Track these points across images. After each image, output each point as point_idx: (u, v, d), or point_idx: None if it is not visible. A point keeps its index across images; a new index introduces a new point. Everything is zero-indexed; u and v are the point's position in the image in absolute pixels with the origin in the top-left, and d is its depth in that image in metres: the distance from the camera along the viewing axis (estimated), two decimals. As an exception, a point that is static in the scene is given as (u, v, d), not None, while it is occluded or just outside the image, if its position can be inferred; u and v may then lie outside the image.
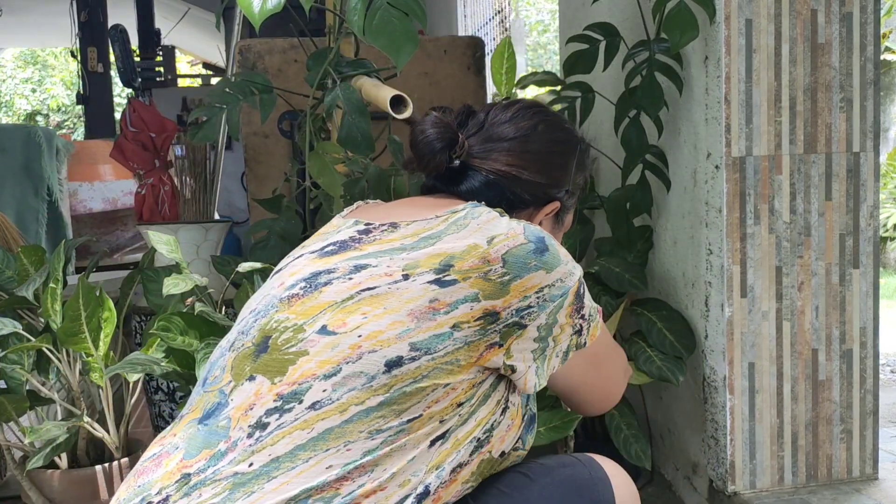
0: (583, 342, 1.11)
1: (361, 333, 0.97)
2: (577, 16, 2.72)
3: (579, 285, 1.09)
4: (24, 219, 3.89)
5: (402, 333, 0.98)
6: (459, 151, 1.18)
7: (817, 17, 1.92)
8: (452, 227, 1.06)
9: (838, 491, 1.97)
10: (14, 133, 4.10)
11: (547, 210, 1.23)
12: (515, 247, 1.04)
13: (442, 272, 1.00)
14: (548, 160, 1.21)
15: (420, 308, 0.99)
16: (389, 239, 1.07)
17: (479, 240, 1.03)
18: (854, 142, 1.97)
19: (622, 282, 2.08)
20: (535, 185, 1.20)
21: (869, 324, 2.01)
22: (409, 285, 1.00)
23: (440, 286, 1.00)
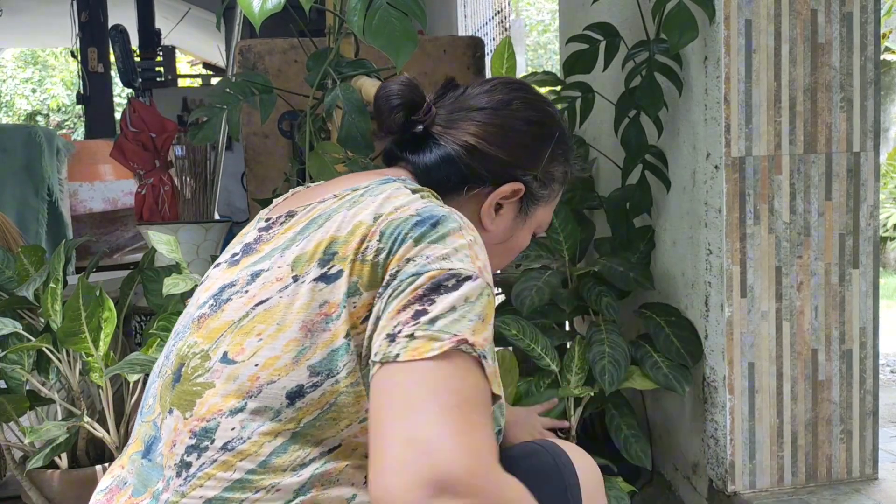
0: (392, 352, 0.79)
1: (258, 362, 0.86)
2: (577, 16, 2.72)
3: (449, 276, 0.83)
4: (24, 219, 3.89)
5: (298, 356, 0.85)
6: (423, 117, 1.07)
7: (817, 17, 1.92)
8: (346, 205, 0.93)
9: (838, 491, 1.97)
10: (14, 133, 4.11)
11: (505, 190, 1.07)
12: (399, 219, 0.88)
13: (327, 263, 0.87)
14: (514, 137, 1.07)
15: (312, 318, 0.86)
16: (283, 231, 0.95)
17: (366, 217, 0.89)
18: (854, 142, 1.97)
19: (627, 280, 2.08)
20: (495, 161, 1.06)
21: (869, 324, 2.01)
22: (299, 289, 0.87)
23: (326, 282, 0.87)
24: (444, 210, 0.90)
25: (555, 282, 2.05)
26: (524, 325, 1.99)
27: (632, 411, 2.09)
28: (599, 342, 1.99)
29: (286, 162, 2.72)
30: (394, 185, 0.96)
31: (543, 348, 1.96)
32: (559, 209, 2.18)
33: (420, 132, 1.07)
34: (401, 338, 0.80)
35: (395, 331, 0.80)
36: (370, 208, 0.90)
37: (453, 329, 0.79)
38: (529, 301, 1.99)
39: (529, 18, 14.27)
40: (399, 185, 0.96)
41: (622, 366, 1.94)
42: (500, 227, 1.09)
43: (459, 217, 0.91)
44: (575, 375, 1.97)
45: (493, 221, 1.08)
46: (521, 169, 1.08)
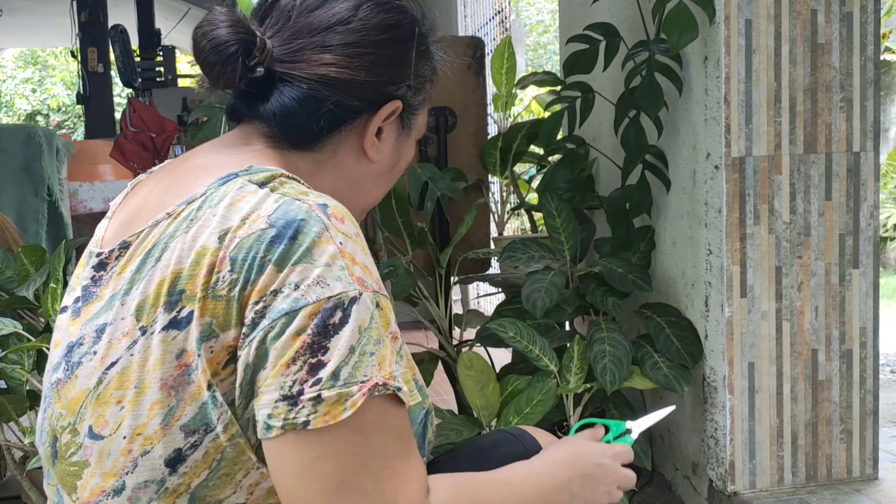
0: (299, 420, 0.71)
1: (125, 434, 0.76)
2: (577, 16, 2.72)
3: (332, 307, 0.72)
4: (24, 219, 3.89)
5: (166, 418, 0.74)
6: (259, 56, 0.86)
7: (817, 17, 1.92)
8: (183, 226, 0.77)
9: (838, 491, 1.97)
10: (14, 133, 4.10)
11: (384, 113, 0.92)
12: (248, 236, 0.74)
13: (175, 306, 0.74)
14: (375, 51, 0.90)
15: (171, 372, 0.74)
16: (119, 270, 0.81)
17: (210, 239, 0.75)
18: (854, 142, 1.97)
19: (626, 282, 2.08)
20: (365, 86, 0.89)
21: (869, 324, 2.01)
22: (149, 343, 0.75)
23: (178, 328, 0.74)
24: (301, 207, 0.76)
25: (559, 282, 2.06)
26: (521, 326, 1.99)
27: (632, 411, 2.08)
28: (600, 341, 1.99)
29: (286, 162, 2.72)
30: (235, 183, 0.79)
31: (541, 349, 1.96)
32: (560, 209, 2.19)
33: (261, 75, 0.86)
34: (304, 401, 0.71)
35: (294, 392, 0.71)
36: (211, 225, 0.75)
37: (359, 376, 0.72)
38: (542, 303, 1.99)
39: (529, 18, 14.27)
40: (241, 181, 0.80)
41: (624, 364, 1.94)
42: (386, 153, 0.96)
43: (323, 211, 0.77)
44: (574, 375, 1.97)
45: (378, 150, 0.94)
46: (393, 84, 0.93)
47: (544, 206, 2.21)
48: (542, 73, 2.48)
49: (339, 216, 0.78)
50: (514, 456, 1.02)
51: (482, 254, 2.48)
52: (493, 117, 2.87)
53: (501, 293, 2.68)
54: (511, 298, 2.29)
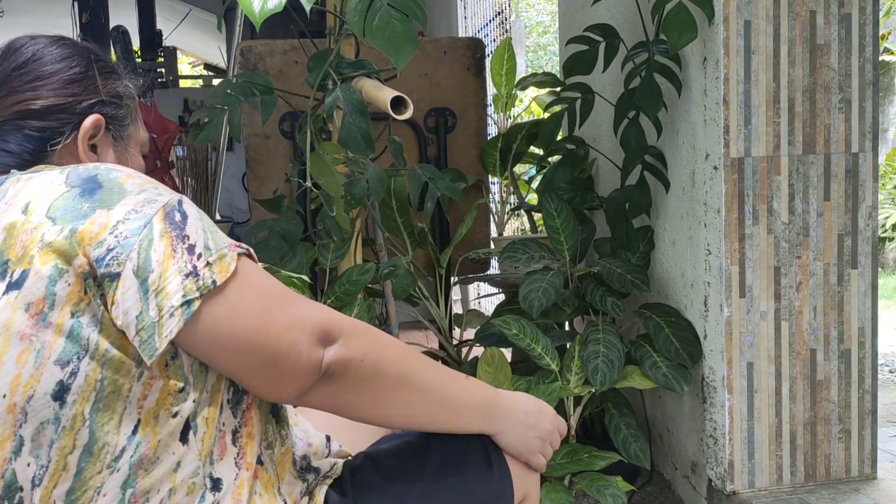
0: (208, 282, 0.86)
1: (4, 392, 0.83)
2: (576, 17, 2.73)
3: (170, 210, 0.88)
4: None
5: (38, 360, 0.83)
6: None
7: (816, 18, 1.93)
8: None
9: (837, 490, 1.97)
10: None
11: (86, 128, 1.03)
12: (56, 198, 0.87)
13: (4, 275, 0.85)
14: (59, 76, 1.03)
15: (25, 325, 0.83)
16: None
17: (13, 216, 0.87)
18: (853, 142, 1.97)
19: (625, 283, 2.09)
20: (58, 108, 1.02)
21: (867, 324, 2.01)
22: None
23: (17, 288, 0.84)
24: (89, 167, 0.92)
25: (558, 282, 2.06)
26: (524, 324, 1.99)
27: (631, 411, 2.09)
28: (595, 342, 1.99)
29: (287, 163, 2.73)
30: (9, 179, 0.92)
31: (543, 348, 1.97)
32: (560, 209, 2.19)
33: None
34: (201, 270, 0.86)
35: (190, 268, 0.86)
36: (12, 206, 0.88)
37: (221, 243, 0.90)
38: (538, 303, 2.00)
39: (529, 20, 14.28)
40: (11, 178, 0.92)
41: (616, 366, 1.95)
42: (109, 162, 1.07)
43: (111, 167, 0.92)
44: (574, 375, 1.98)
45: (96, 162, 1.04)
46: (85, 102, 1.05)
47: (544, 206, 2.21)
48: (542, 74, 2.49)
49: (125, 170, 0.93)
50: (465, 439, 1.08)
51: (482, 254, 2.48)
52: (493, 118, 2.88)
53: (501, 293, 2.69)
54: (511, 298, 2.30)
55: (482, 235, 2.91)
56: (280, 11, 1.63)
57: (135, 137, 1.12)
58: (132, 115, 1.12)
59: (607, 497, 1.83)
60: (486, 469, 1.07)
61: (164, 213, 0.87)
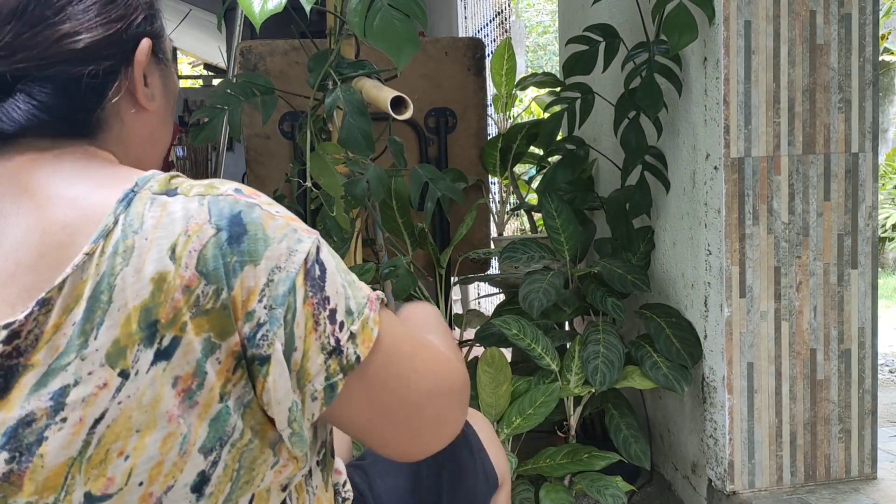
0: (352, 359, 0.76)
1: (141, 479, 0.71)
2: (576, 17, 2.73)
3: (311, 264, 0.75)
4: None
5: (182, 447, 0.72)
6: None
7: (816, 18, 1.93)
8: (119, 260, 0.71)
9: (837, 490, 1.98)
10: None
11: (141, 59, 0.83)
12: (204, 246, 0.71)
13: (153, 338, 0.70)
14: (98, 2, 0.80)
15: (172, 403, 0.71)
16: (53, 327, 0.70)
17: (161, 263, 0.70)
18: (853, 142, 1.97)
19: (625, 283, 2.09)
20: (107, 41, 0.80)
21: (867, 324, 2.02)
22: (138, 383, 0.70)
23: (167, 358, 0.70)
24: (227, 200, 0.74)
25: (558, 282, 2.06)
26: (525, 324, 1.99)
27: (631, 411, 2.09)
28: (595, 342, 2.00)
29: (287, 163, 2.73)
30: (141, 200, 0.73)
31: (544, 348, 1.97)
32: (560, 209, 2.19)
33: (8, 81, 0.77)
34: (344, 344, 0.75)
35: (333, 344, 0.75)
36: (154, 249, 0.71)
37: (362, 300, 0.78)
38: (538, 303, 2.00)
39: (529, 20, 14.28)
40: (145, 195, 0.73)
41: (615, 366, 1.95)
42: (159, 96, 0.88)
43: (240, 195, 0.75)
44: (574, 375, 1.98)
45: (152, 98, 0.87)
46: (132, 25, 0.83)
47: (544, 206, 2.21)
48: (542, 74, 2.49)
49: (251, 192, 0.77)
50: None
51: (482, 254, 2.48)
52: (493, 118, 2.88)
53: (501, 293, 2.69)
54: (511, 299, 2.30)
55: (482, 235, 2.91)
56: (280, 12, 1.63)
57: (167, 49, 0.92)
58: (162, 21, 0.90)
59: (607, 497, 1.83)
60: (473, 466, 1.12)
61: (305, 269, 0.74)
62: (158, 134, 0.89)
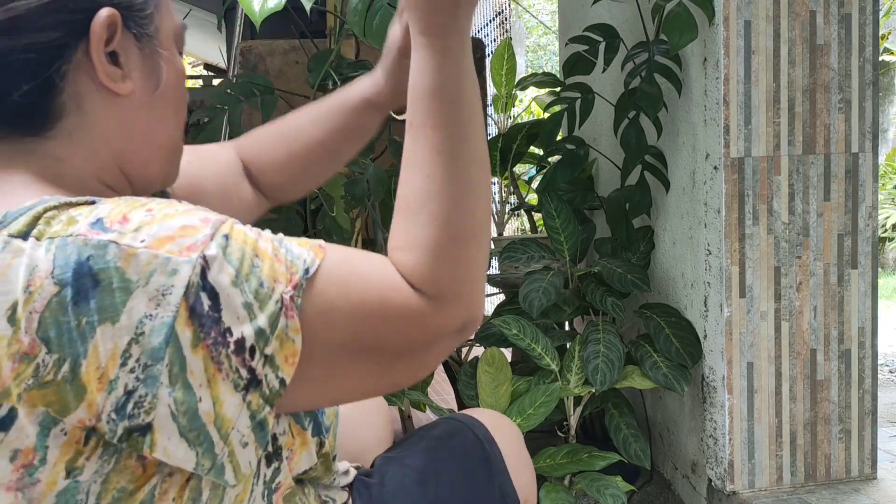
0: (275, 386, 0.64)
1: None
2: (576, 17, 2.73)
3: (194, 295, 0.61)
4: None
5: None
6: None
7: (816, 18, 1.93)
8: None
9: (837, 490, 1.97)
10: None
11: (99, 32, 0.70)
12: (46, 307, 0.59)
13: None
14: None
15: (9, 478, 0.62)
16: None
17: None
18: (853, 142, 1.97)
19: (625, 282, 2.09)
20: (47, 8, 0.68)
21: (867, 324, 2.01)
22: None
23: (3, 430, 0.61)
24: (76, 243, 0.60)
25: (558, 282, 2.06)
26: (525, 324, 1.99)
27: (631, 411, 2.09)
28: (595, 342, 2.00)
29: (287, 163, 2.73)
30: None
31: (544, 348, 1.97)
32: (560, 209, 2.19)
33: None
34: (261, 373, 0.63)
35: (247, 377, 0.63)
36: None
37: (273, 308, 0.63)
38: (538, 303, 2.00)
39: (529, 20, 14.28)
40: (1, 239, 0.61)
41: (616, 366, 1.95)
42: (136, 79, 0.74)
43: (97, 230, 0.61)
44: (575, 375, 1.98)
45: (123, 78, 0.73)
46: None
47: (544, 206, 2.21)
48: (542, 74, 2.49)
49: (119, 219, 0.62)
50: (467, 446, 1.04)
51: (482, 254, 2.48)
52: (493, 118, 2.88)
53: (501, 293, 2.69)
54: (511, 298, 2.30)
55: (482, 235, 2.90)
56: (280, 11, 1.63)
57: (165, 32, 0.78)
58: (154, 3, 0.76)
59: (607, 497, 1.83)
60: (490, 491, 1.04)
61: (187, 306, 0.60)
62: (144, 127, 0.75)
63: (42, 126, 0.69)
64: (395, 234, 0.72)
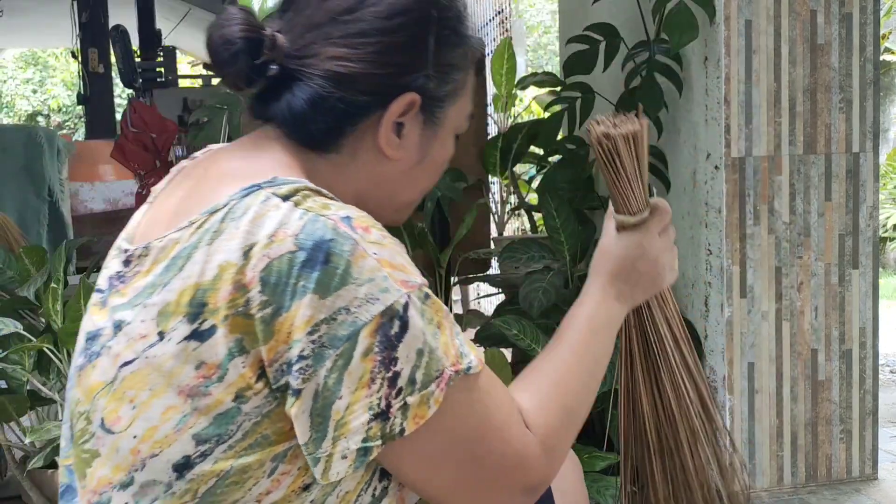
0: (395, 430, 0.73)
1: (136, 433, 0.75)
2: (577, 16, 2.73)
3: (389, 318, 0.71)
4: (25, 219, 3.89)
5: (179, 424, 0.73)
6: (269, 53, 0.81)
7: (817, 17, 1.93)
8: (206, 239, 0.74)
9: (838, 491, 1.97)
10: (15, 134, 4.11)
11: (396, 109, 0.83)
12: (278, 258, 0.71)
13: (196, 318, 0.73)
14: (381, 41, 0.82)
15: (188, 382, 0.73)
16: (143, 273, 0.78)
17: (232, 254, 0.72)
18: (853, 142, 1.97)
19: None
20: (372, 80, 0.82)
21: (868, 324, 2.01)
22: (165, 349, 0.73)
23: (200, 340, 0.72)
24: (327, 225, 0.72)
25: (558, 282, 2.06)
26: (525, 325, 1.99)
27: (632, 411, 2.09)
28: (598, 342, 1.99)
29: (287, 162, 2.73)
30: (259, 195, 0.75)
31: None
32: (560, 209, 2.19)
33: (275, 73, 0.82)
34: (394, 412, 0.72)
35: (382, 407, 0.72)
36: (235, 239, 0.73)
37: (433, 373, 0.74)
38: (538, 303, 2.00)
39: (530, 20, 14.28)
40: (265, 193, 0.75)
41: (616, 366, 1.94)
42: (409, 150, 0.87)
43: (348, 224, 0.73)
44: (575, 375, 1.97)
45: (397, 148, 0.86)
46: (406, 75, 0.84)
47: (544, 206, 2.21)
48: (542, 73, 2.48)
49: (363, 226, 0.74)
50: None
51: (482, 254, 2.48)
52: (494, 118, 2.87)
53: (501, 293, 2.68)
54: (511, 299, 2.30)
55: (482, 235, 2.90)
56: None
57: (452, 119, 0.90)
58: (458, 91, 0.89)
59: (607, 497, 1.82)
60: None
61: (379, 321, 0.71)
62: (394, 185, 0.89)
63: (320, 149, 0.84)
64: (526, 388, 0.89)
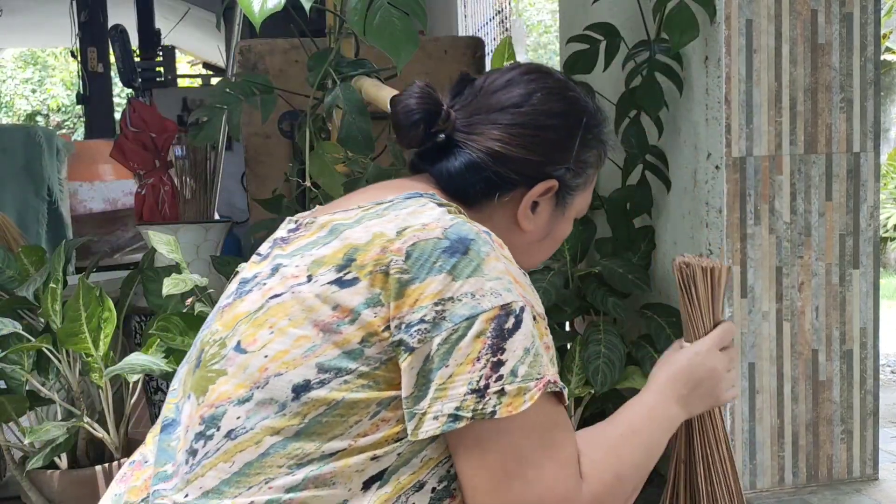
0: (487, 410, 0.83)
1: (268, 353, 0.88)
2: (577, 16, 2.72)
3: (505, 313, 0.85)
4: (24, 219, 3.89)
5: (308, 351, 0.86)
6: (442, 125, 1.01)
7: (817, 17, 1.92)
8: (368, 217, 0.92)
9: (839, 491, 1.97)
10: (14, 133, 4.10)
11: (538, 191, 1.02)
12: (425, 240, 0.87)
13: (343, 269, 0.88)
14: (540, 134, 1.01)
15: (324, 318, 0.87)
16: (309, 234, 0.95)
17: (388, 229, 0.89)
18: (854, 142, 1.97)
19: (626, 283, 2.08)
20: (523, 163, 1.00)
21: (869, 324, 2.01)
22: (311, 288, 0.88)
23: (340, 287, 0.87)
24: (472, 229, 0.88)
25: (558, 283, 2.05)
26: (524, 325, 1.98)
27: (632, 411, 2.08)
28: (596, 342, 1.99)
29: (286, 162, 2.72)
30: (419, 199, 0.94)
31: (544, 348, 1.96)
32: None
33: (442, 140, 1.02)
34: (490, 394, 0.83)
35: (481, 385, 0.83)
36: (394, 222, 0.89)
37: (535, 373, 0.85)
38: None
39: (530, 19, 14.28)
40: (425, 200, 0.94)
41: (617, 366, 1.94)
42: (539, 226, 1.05)
43: (489, 236, 0.89)
44: (575, 376, 1.97)
45: (531, 222, 1.04)
46: (551, 165, 1.02)
47: (545, 206, 2.20)
48: (543, 73, 2.47)
49: (500, 243, 0.90)
50: None
51: (482, 254, 2.47)
52: (494, 117, 2.87)
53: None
54: (511, 299, 2.29)
55: (482, 235, 2.90)
56: (280, 10, 1.62)
57: (576, 206, 1.09)
58: (586, 185, 1.08)
59: (608, 498, 1.82)
60: None
61: (496, 313, 0.84)
62: (518, 252, 0.99)
63: (466, 204, 1.00)
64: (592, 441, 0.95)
